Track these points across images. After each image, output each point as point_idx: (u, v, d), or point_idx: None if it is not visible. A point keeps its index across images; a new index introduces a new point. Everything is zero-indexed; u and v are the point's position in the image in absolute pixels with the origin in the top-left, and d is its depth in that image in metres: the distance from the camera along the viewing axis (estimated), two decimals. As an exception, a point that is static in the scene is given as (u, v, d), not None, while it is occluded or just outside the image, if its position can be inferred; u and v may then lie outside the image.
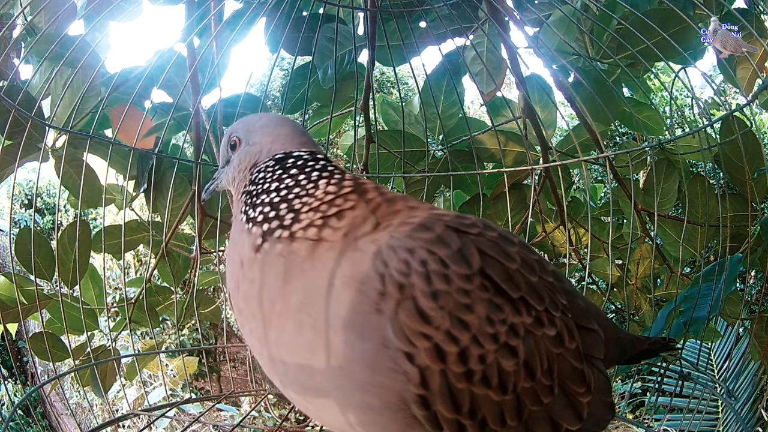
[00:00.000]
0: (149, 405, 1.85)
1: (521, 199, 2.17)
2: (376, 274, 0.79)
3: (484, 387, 0.80)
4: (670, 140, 1.93)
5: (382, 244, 0.82)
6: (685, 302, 1.75)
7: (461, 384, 0.79)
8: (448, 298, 0.78)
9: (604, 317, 1.18)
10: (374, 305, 0.78)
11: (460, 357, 0.78)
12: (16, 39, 1.84)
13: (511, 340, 0.82)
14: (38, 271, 1.79)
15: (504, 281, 0.83)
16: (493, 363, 0.80)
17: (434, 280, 0.78)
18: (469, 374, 0.79)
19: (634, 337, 1.28)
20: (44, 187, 8.10)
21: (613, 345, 1.12)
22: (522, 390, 0.83)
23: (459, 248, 0.82)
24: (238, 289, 0.93)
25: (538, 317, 0.86)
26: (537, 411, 0.85)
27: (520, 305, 0.84)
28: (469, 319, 0.79)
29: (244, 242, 0.93)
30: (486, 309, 0.81)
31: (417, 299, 0.77)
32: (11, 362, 6.63)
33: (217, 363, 7.07)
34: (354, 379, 0.79)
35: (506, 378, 0.81)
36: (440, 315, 0.78)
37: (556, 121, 2.26)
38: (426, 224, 0.85)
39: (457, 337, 0.78)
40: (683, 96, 5.40)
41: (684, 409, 2.06)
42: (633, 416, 4.58)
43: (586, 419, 0.90)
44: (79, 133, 1.68)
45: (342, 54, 2.02)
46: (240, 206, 1.01)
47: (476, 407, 0.80)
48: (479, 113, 6.27)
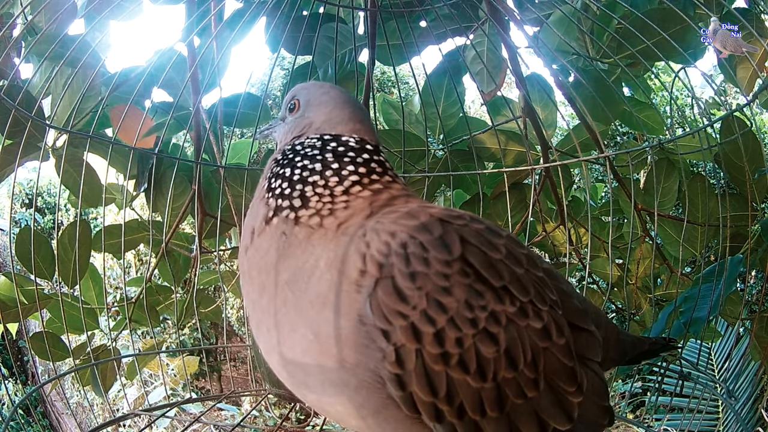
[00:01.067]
0: (150, 405, 1.85)
1: (521, 198, 2.17)
2: (357, 254, 0.82)
3: (461, 371, 0.80)
4: (671, 140, 1.93)
5: (367, 228, 0.85)
6: (686, 302, 1.75)
7: (437, 366, 0.79)
8: (426, 280, 0.80)
9: (605, 319, 1.17)
10: (354, 283, 0.81)
11: (437, 338, 0.79)
12: (16, 39, 1.84)
13: (491, 326, 0.82)
14: (38, 271, 1.79)
15: (485, 269, 0.84)
16: (471, 348, 0.80)
17: (413, 261, 0.80)
18: (445, 356, 0.79)
19: (635, 338, 1.27)
20: (44, 187, 8.10)
21: (613, 346, 1.11)
22: (503, 380, 0.82)
23: (440, 235, 0.84)
24: (246, 254, 0.97)
25: (522, 308, 0.85)
26: (521, 404, 0.84)
27: (502, 294, 0.84)
28: (447, 302, 0.80)
29: (260, 210, 0.98)
30: (465, 293, 0.81)
31: (395, 278, 0.80)
32: (11, 362, 6.64)
33: (218, 362, 7.08)
34: (330, 355, 0.81)
35: (485, 365, 0.81)
36: (417, 295, 0.79)
37: (556, 121, 2.26)
38: (411, 213, 0.87)
39: (434, 318, 0.79)
40: (683, 96, 5.40)
41: (684, 409, 2.06)
42: (633, 416, 4.58)
43: (578, 421, 0.88)
44: (79, 133, 1.68)
45: (342, 53, 2.02)
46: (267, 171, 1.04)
47: (453, 392, 0.80)
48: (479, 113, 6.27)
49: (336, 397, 0.85)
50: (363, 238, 0.84)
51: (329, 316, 0.81)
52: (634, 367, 2.05)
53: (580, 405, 0.89)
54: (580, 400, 0.89)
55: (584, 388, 0.90)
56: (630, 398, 4.86)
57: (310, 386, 0.88)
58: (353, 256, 0.83)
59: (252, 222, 0.98)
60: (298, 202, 0.93)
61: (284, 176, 0.98)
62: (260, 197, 1.00)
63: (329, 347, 0.81)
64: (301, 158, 0.99)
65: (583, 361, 0.94)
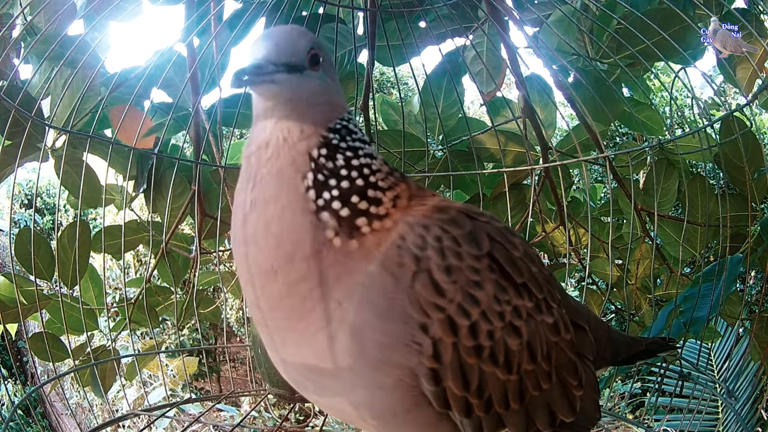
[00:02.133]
0: (149, 405, 1.85)
1: (521, 199, 2.17)
2: (394, 248, 0.81)
3: (491, 364, 0.83)
4: (670, 140, 1.93)
5: (400, 221, 0.84)
6: (685, 302, 1.75)
7: (471, 359, 0.82)
8: (461, 274, 0.81)
9: (595, 318, 1.20)
10: (392, 277, 0.79)
11: (471, 331, 0.81)
12: (15, 39, 1.84)
13: (515, 320, 0.85)
14: (38, 271, 1.79)
15: (508, 265, 0.86)
16: (500, 340, 0.83)
17: (448, 255, 0.81)
18: (479, 349, 0.82)
19: (630, 338, 1.29)
20: (44, 187, 8.09)
21: (604, 346, 1.14)
22: (525, 372, 0.86)
23: (470, 231, 0.85)
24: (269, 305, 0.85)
25: (537, 304, 0.89)
26: (537, 396, 0.88)
27: (522, 290, 0.87)
28: (479, 296, 0.82)
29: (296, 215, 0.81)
30: (493, 288, 0.84)
31: (432, 272, 0.80)
32: (11, 362, 6.63)
33: (217, 363, 7.07)
34: (370, 358, 0.80)
35: (512, 357, 0.84)
36: (453, 288, 0.80)
37: (555, 121, 2.26)
38: (440, 207, 0.87)
39: (469, 311, 0.81)
40: (683, 96, 5.40)
41: (684, 410, 2.06)
42: (633, 416, 4.58)
43: (579, 414, 0.93)
44: (79, 133, 1.68)
45: (342, 54, 2.02)
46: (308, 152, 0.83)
47: (484, 385, 0.83)
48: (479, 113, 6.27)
49: (366, 399, 0.84)
50: (396, 230, 0.83)
51: (371, 318, 0.79)
52: (633, 368, 2.05)
53: (581, 398, 0.93)
54: (581, 394, 0.93)
55: (584, 382, 0.94)
56: (630, 399, 4.85)
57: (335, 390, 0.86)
58: (391, 249, 0.81)
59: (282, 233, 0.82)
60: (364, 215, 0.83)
61: (342, 185, 0.83)
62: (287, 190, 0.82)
63: (369, 350, 0.80)
64: (354, 155, 0.85)
65: (581, 357, 0.98)
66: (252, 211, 0.83)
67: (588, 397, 0.95)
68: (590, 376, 0.98)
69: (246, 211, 0.84)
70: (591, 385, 0.98)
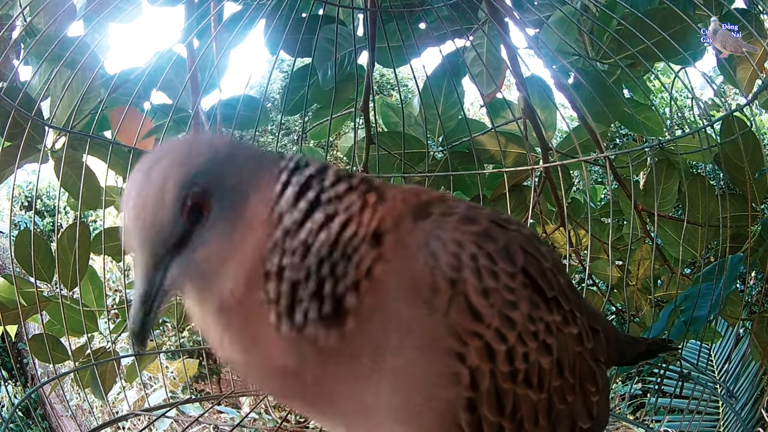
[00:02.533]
0: (149, 406, 1.85)
1: (521, 200, 2.16)
2: (426, 268, 0.73)
3: (525, 387, 0.79)
4: (670, 140, 1.93)
5: (429, 237, 0.75)
6: (686, 301, 1.75)
7: (507, 384, 0.77)
8: (497, 296, 0.75)
9: (603, 319, 1.18)
10: (426, 303, 0.72)
11: (508, 356, 0.76)
12: (15, 40, 1.83)
13: (547, 338, 0.81)
14: (38, 273, 1.79)
15: (541, 279, 0.82)
16: (535, 362, 0.79)
17: (485, 276, 0.75)
18: (514, 373, 0.77)
19: (632, 339, 1.28)
20: (44, 189, 8.08)
21: (612, 347, 1.12)
22: (553, 388, 0.82)
23: (504, 245, 0.79)
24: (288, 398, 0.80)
25: (565, 316, 0.85)
26: (563, 410, 0.85)
27: (552, 304, 0.83)
28: (515, 317, 0.77)
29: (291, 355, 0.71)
30: (528, 306, 0.79)
31: (468, 296, 0.73)
32: (11, 364, 6.62)
33: (218, 365, 7.05)
34: (413, 399, 0.74)
35: (543, 376, 0.80)
36: (491, 313, 0.74)
37: (556, 122, 2.26)
38: (470, 216, 0.79)
39: (506, 335, 0.76)
40: (683, 97, 5.40)
41: (684, 410, 2.05)
42: (633, 417, 4.57)
43: (595, 418, 0.90)
44: (79, 133, 1.67)
45: (342, 55, 2.02)
46: (257, 301, 0.71)
47: (517, 408, 0.79)
48: (479, 114, 6.27)
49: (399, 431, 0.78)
50: (427, 248, 0.74)
51: (413, 358, 0.72)
52: (633, 369, 2.05)
53: (597, 403, 0.91)
54: (598, 399, 0.91)
55: (600, 387, 0.92)
56: (630, 399, 4.85)
57: (367, 426, 0.80)
58: (422, 270, 0.73)
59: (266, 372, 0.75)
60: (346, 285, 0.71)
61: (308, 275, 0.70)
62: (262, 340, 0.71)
63: (418, 391, 0.74)
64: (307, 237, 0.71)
65: (597, 362, 0.95)
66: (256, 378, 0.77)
67: (603, 401, 0.93)
68: (604, 380, 0.96)
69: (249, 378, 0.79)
70: (605, 388, 0.95)
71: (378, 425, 0.77)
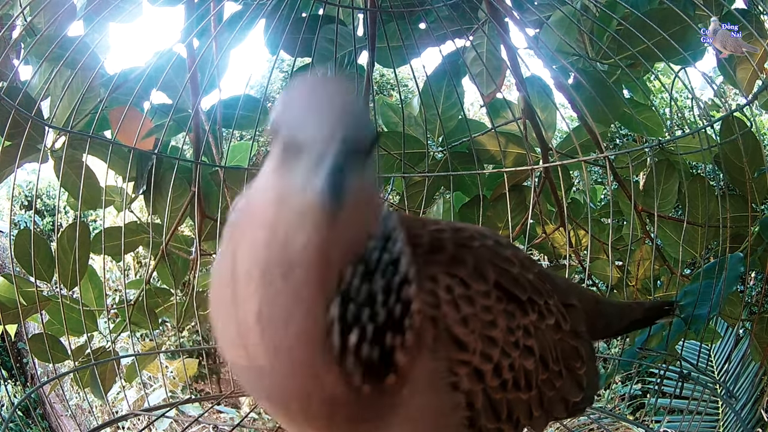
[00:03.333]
0: (149, 406, 1.85)
1: (521, 200, 2.16)
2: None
3: (515, 391, 0.83)
4: (670, 140, 1.93)
5: None
6: (686, 297, 1.74)
7: (498, 395, 0.81)
8: (476, 320, 0.77)
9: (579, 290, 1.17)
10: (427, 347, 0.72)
11: (495, 372, 0.79)
12: (15, 40, 1.83)
13: (527, 341, 0.84)
14: (38, 273, 1.79)
15: (513, 286, 0.83)
16: (520, 367, 0.82)
17: (462, 305, 0.75)
18: (503, 384, 0.81)
19: (624, 305, 1.27)
20: (44, 189, 8.08)
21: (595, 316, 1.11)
22: (541, 382, 0.87)
23: (474, 266, 0.79)
24: None
25: (540, 311, 0.88)
26: (553, 395, 0.89)
27: (527, 306, 0.85)
28: (495, 335, 0.79)
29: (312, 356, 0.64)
30: (505, 320, 0.81)
31: (450, 329, 0.74)
32: (11, 363, 6.62)
33: (217, 365, 7.06)
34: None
35: (530, 377, 0.84)
36: (473, 339, 0.76)
37: (556, 123, 2.26)
38: (435, 246, 0.79)
39: (490, 354, 0.78)
40: (683, 98, 5.40)
41: (684, 411, 2.05)
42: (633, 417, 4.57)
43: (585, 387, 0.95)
44: (79, 133, 1.67)
45: (342, 55, 2.02)
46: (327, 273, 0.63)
47: (512, 410, 0.83)
48: (479, 115, 6.27)
49: None
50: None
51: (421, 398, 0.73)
52: (633, 369, 2.05)
53: (585, 374, 0.95)
54: (585, 370, 0.95)
55: (584, 358, 0.96)
56: (630, 400, 4.85)
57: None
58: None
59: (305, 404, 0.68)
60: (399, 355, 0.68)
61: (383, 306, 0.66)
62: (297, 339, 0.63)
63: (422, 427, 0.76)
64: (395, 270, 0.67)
65: (577, 333, 0.98)
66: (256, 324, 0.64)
67: (590, 369, 0.97)
68: (587, 348, 0.99)
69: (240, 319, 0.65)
70: (590, 357, 0.98)
71: None
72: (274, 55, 2.05)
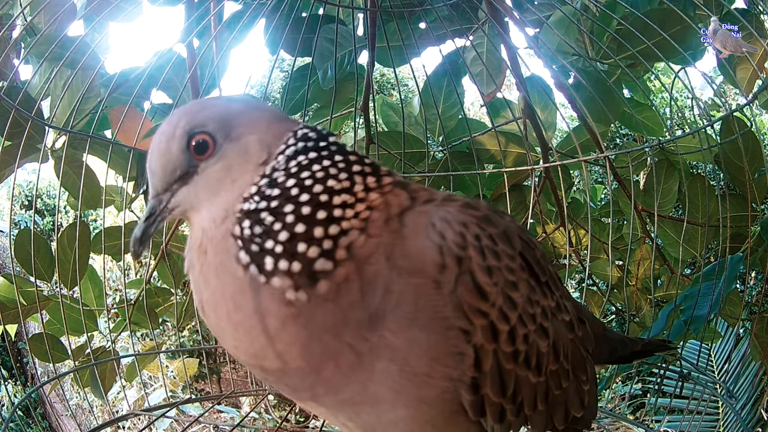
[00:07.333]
0: (149, 406, 1.85)
1: (521, 200, 2.17)
2: (434, 246, 0.74)
3: (525, 368, 0.81)
4: (670, 140, 1.93)
5: (434, 217, 0.76)
6: (686, 301, 1.75)
7: (509, 365, 0.79)
8: (500, 275, 0.78)
9: (589, 313, 1.20)
10: (433, 281, 0.73)
11: (510, 336, 0.78)
12: (15, 39, 1.84)
13: (543, 321, 0.83)
14: (38, 273, 1.79)
15: (535, 265, 0.85)
16: (534, 343, 0.82)
17: (488, 255, 0.77)
18: (516, 354, 0.80)
19: (625, 337, 1.28)
20: (44, 189, 8.09)
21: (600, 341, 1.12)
22: (550, 372, 0.85)
23: (504, 230, 0.82)
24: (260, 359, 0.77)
25: (557, 302, 0.88)
26: (558, 395, 0.87)
27: (546, 289, 0.86)
28: (516, 297, 0.79)
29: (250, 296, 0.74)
30: (526, 289, 0.81)
31: (474, 273, 0.75)
32: (11, 363, 6.63)
33: (218, 364, 7.06)
34: (414, 375, 0.74)
35: (541, 359, 0.83)
36: (495, 291, 0.77)
37: (556, 122, 2.26)
38: (471, 203, 0.82)
39: (508, 315, 0.78)
40: (683, 97, 5.41)
41: (684, 410, 2.05)
42: (633, 417, 4.57)
43: (586, 407, 0.93)
44: (80, 133, 1.67)
45: (342, 55, 2.02)
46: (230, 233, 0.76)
47: (518, 390, 0.81)
48: (479, 114, 6.27)
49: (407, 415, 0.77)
50: (434, 227, 0.75)
51: (416, 335, 0.73)
52: (633, 369, 2.05)
53: (588, 392, 0.94)
54: (588, 388, 0.94)
55: (589, 376, 0.95)
56: (630, 399, 4.86)
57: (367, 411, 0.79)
58: (429, 247, 0.74)
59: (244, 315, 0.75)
60: (328, 244, 0.73)
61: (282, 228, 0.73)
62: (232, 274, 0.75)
63: (415, 368, 0.74)
64: (299, 189, 0.75)
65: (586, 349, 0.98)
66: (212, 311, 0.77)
67: (592, 390, 0.96)
68: (593, 371, 0.98)
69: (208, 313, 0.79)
70: (593, 379, 0.98)
71: (376, 401, 0.77)
72: (274, 54, 2.05)
